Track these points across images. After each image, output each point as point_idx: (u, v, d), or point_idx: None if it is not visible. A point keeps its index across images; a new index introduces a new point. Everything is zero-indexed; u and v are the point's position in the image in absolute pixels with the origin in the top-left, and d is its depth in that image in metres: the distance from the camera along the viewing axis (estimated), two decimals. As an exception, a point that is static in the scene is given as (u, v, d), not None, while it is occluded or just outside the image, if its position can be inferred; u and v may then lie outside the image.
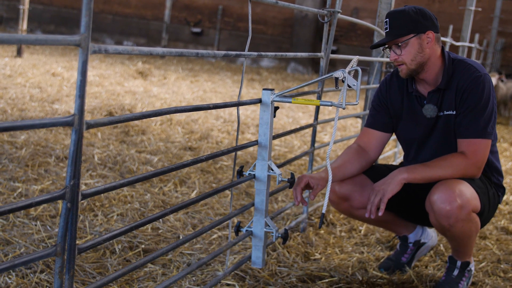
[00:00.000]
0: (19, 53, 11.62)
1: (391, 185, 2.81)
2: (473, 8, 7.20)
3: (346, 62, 14.07)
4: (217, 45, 18.65)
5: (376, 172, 3.16)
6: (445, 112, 2.93)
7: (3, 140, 4.95)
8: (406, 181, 2.82)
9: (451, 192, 2.73)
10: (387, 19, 2.86)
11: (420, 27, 2.83)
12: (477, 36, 10.84)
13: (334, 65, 15.87)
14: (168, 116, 6.78)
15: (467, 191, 2.78)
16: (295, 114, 8.73)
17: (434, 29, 2.86)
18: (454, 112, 2.91)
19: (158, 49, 1.85)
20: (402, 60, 2.86)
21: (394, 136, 5.92)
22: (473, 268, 3.12)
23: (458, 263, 3.06)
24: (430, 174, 2.83)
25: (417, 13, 2.83)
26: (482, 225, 3.00)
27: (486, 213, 2.95)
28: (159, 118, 6.66)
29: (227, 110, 7.85)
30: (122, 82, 9.72)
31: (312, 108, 9.22)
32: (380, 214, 2.79)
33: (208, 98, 9.37)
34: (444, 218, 2.75)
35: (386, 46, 2.90)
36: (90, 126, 1.58)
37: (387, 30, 2.86)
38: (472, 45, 8.80)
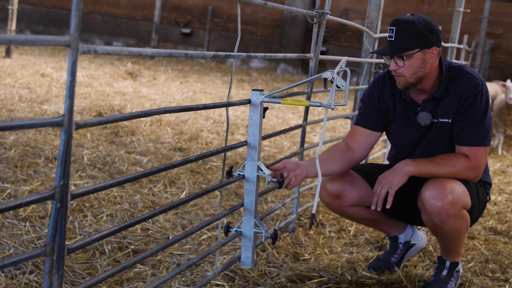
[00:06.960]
0: (8, 53, 11.56)
1: (398, 177, 2.81)
2: (462, 9, 7.25)
3: (335, 63, 13.96)
4: (207, 46, 18.64)
5: (367, 170, 3.17)
6: (440, 120, 2.92)
7: (-9, 140, 4.93)
8: (412, 174, 2.83)
9: (442, 189, 2.75)
10: (394, 27, 2.76)
11: (426, 42, 2.77)
12: (465, 38, 10.89)
13: (323, 66, 15.90)
14: (157, 117, 6.77)
15: (458, 188, 2.81)
16: (285, 115, 8.74)
17: (438, 45, 2.82)
18: (450, 120, 2.90)
19: (148, 50, 1.85)
20: (402, 72, 2.82)
21: (383, 137, 5.97)
22: (461, 269, 3.14)
23: (447, 264, 3.08)
24: (435, 171, 2.84)
25: (426, 27, 2.76)
26: (472, 223, 3.02)
27: (476, 210, 2.98)
28: (148, 118, 6.65)
29: (216, 111, 7.85)
30: (111, 83, 9.70)
31: (302, 109, 9.23)
32: (388, 206, 2.80)
33: (198, 99, 9.36)
34: (436, 215, 2.76)
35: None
36: (79, 126, 1.58)
37: (392, 39, 2.76)
38: (461, 46, 8.84)
